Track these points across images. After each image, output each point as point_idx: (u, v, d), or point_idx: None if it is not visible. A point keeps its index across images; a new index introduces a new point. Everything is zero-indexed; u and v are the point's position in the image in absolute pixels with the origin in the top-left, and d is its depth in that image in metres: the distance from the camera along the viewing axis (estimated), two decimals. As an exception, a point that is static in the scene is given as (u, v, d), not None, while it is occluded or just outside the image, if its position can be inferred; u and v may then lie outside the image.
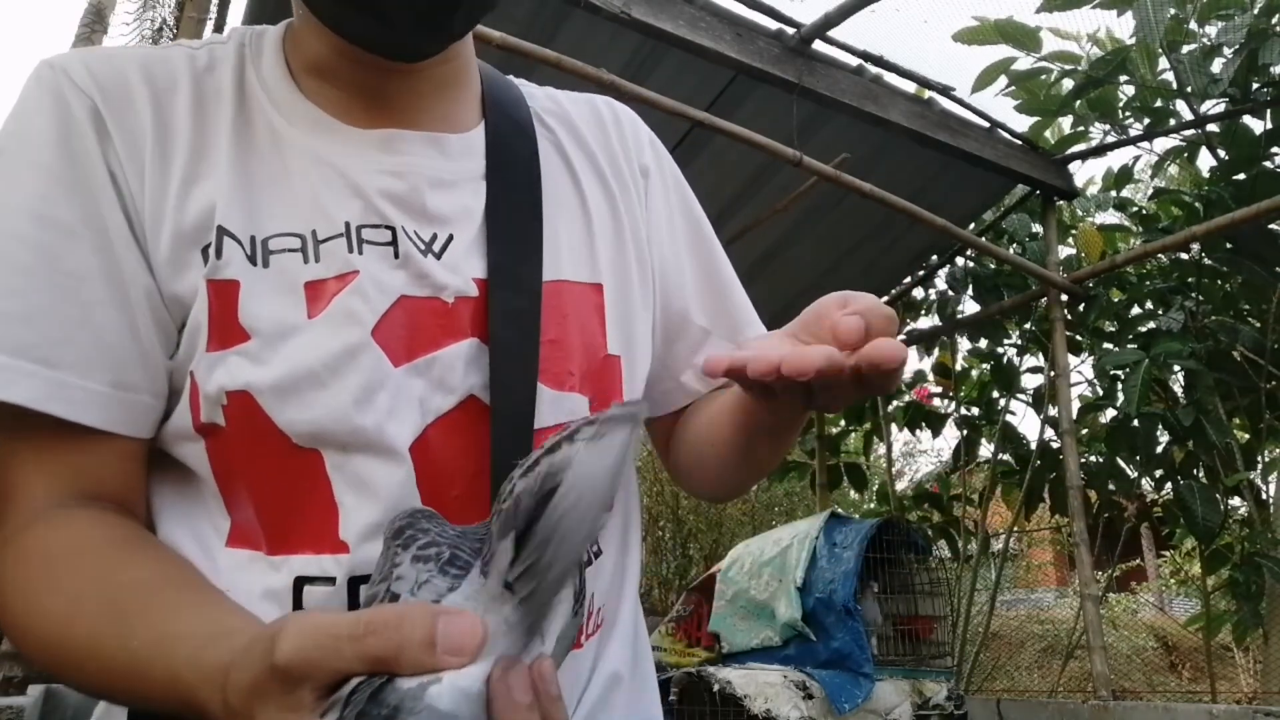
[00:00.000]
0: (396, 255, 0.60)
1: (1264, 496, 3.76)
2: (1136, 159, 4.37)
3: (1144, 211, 4.26)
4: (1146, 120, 3.70)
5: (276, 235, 0.59)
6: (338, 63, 0.64)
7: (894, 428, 4.96)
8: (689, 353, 0.77)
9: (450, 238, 0.63)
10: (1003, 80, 3.68)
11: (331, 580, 0.56)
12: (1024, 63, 3.65)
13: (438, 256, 0.61)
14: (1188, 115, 3.60)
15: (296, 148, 0.62)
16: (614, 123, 0.79)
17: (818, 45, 2.96)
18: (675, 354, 0.77)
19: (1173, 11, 3.33)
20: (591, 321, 0.67)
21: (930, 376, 4.79)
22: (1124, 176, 4.27)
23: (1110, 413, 3.99)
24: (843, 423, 5.10)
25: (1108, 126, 3.73)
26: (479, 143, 0.68)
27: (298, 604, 0.56)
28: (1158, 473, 3.86)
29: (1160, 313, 3.82)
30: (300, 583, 0.56)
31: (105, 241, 0.56)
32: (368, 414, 0.56)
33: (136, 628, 0.48)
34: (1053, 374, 3.61)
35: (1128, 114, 3.68)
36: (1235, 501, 3.83)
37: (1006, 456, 4.43)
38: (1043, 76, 3.72)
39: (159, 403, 0.58)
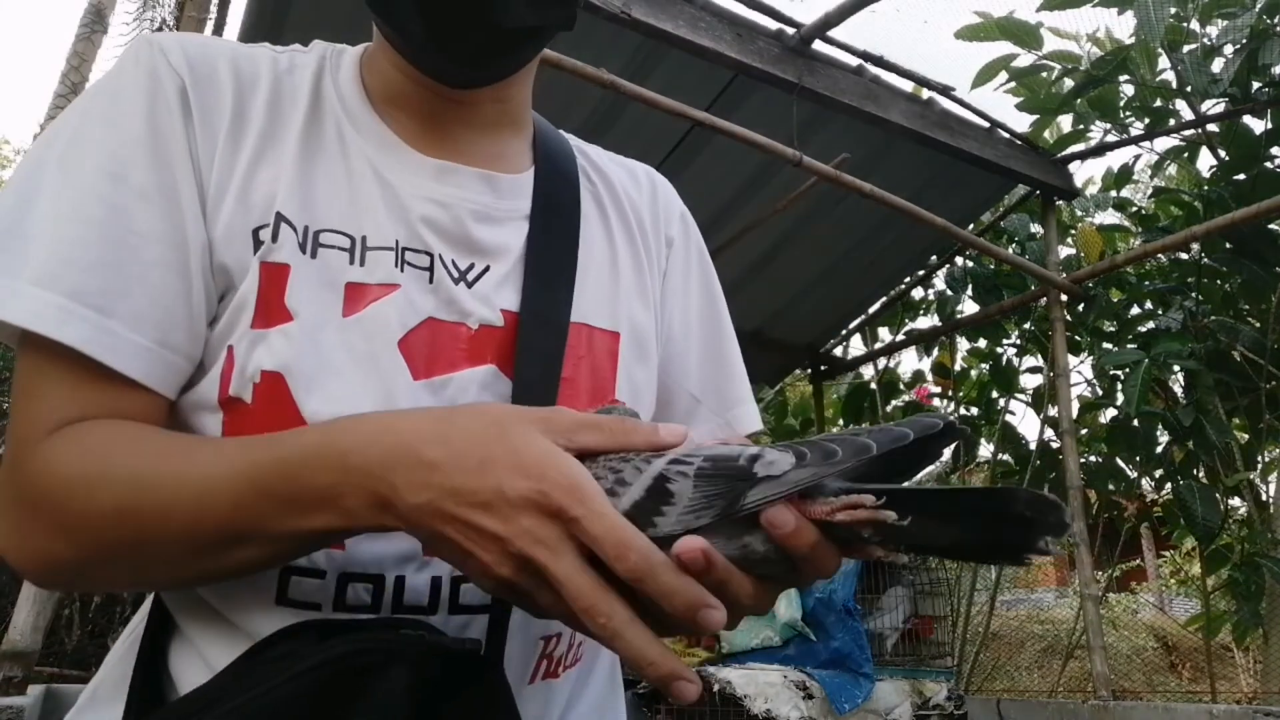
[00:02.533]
0: (431, 280, 0.64)
1: (1264, 496, 3.76)
2: (1136, 158, 4.36)
3: (1144, 211, 4.27)
4: (1146, 120, 3.70)
5: (328, 230, 0.62)
6: (407, 88, 0.68)
7: (894, 428, 4.96)
8: (680, 419, 0.80)
9: (487, 269, 0.66)
10: (1002, 76, 3.68)
11: (321, 574, 0.57)
12: (1024, 59, 3.65)
13: (469, 285, 0.65)
14: (1188, 115, 3.61)
15: (361, 158, 0.66)
16: (650, 190, 0.83)
17: (818, 45, 2.95)
18: (666, 418, 0.79)
19: (1173, 11, 3.33)
20: (604, 366, 0.70)
21: (930, 376, 4.79)
22: (1123, 176, 4.27)
23: (1110, 413, 4.00)
24: (841, 423, 5.10)
25: (1108, 126, 3.73)
26: (528, 185, 0.72)
27: (283, 593, 0.57)
28: (1158, 473, 3.86)
29: (1160, 313, 3.83)
30: (287, 572, 0.57)
31: (176, 210, 0.59)
32: None
33: (251, 447, 0.52)
34: (1052, 374, 3.61)
35: (1128, 113, 3.68)
36: (1235, 501, 3.83)
37: (1006, 456, 4.42)
38: (1043, 74, 3.72)
39: (190, 368, 0.60)
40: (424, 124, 0.69)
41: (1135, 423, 3.57)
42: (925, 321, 4.78)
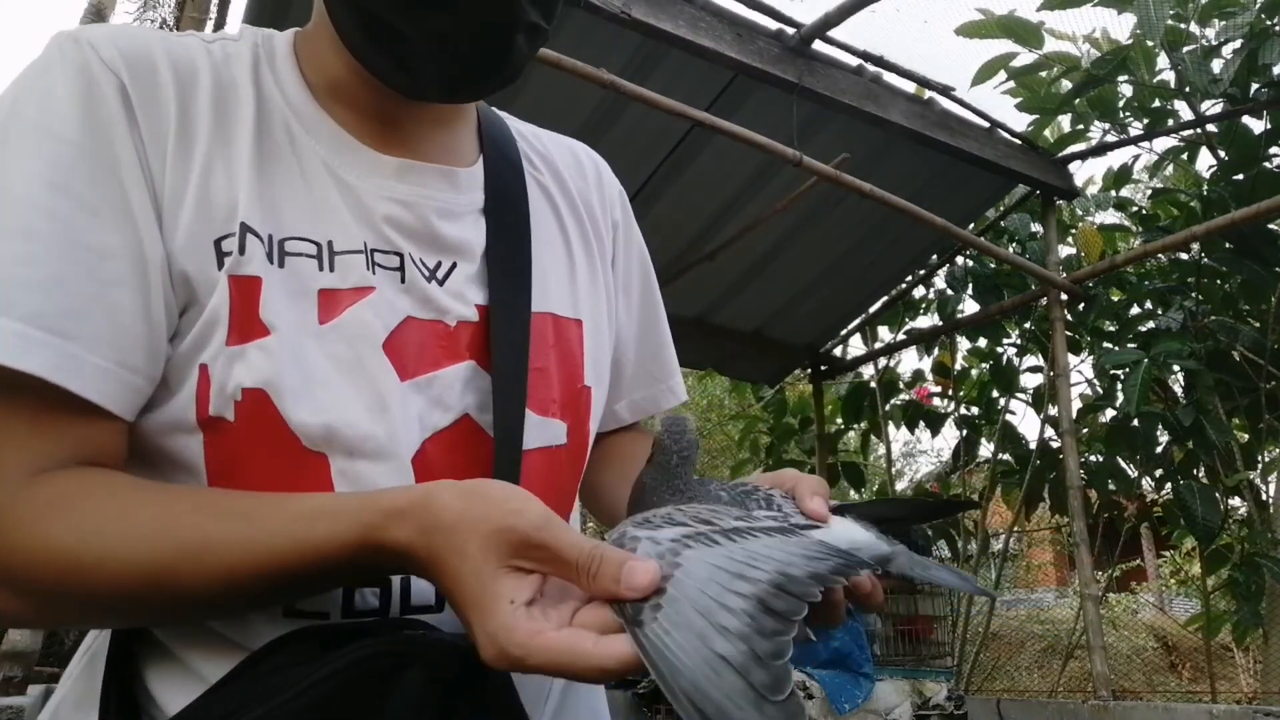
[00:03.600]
0: (403, 280, 0.63)
1: (1264, 496, 3.76)
2: (1136, 158, 4.37)
3: (1144, 211, 4.26)
4: (1146, 120, 3.70)
5: (293, 238, 0.60)
6: (356, 85, 0.66)
7: (892, 427, 4.96)
8: (627, 387, 0.87)
9: (454, 266, 0.66)
10: (1001, 75, 3.68)
11: None
12: (1024, 59, 3.65)
13: (441, 283, 0.64)
14: (1187, 115, 3.61)
15: (314, 158, 0.63)
16: (594, 173, 0.84)
17: (818, 45, 2.95)
18: (613, 388, 0.84)
19: (1172, 11, 3.33)
20: (574, 354, 0.71)
21: (930, 376, 4.78)
22: (1123, 176, 4.27)
23: (1110, 413, 3.99)
24: (840, 421, 5.10)
25: (1107, 126, 3.73)
26: (480, 177, 0.71)
27: (289, 605, 0.56)
28: (1158, 473, 3.86)
29: (1160, 313, 3.83)
30: None
31: (129, 222, 0.55)
32: (379, 422, 0.58)
33: (263, 513, 0.51)
34: (1053, 374, 3.61)
35: (1127, 113, 3.68)
36: (1235, 501, 3.83)
37: (1006, 456, 4.42)
38: (1042, 73, 3.72)
39: (150, 388, 0.56)
40: (375, 120, 0.66)
41: (1135, 423, 3.57)
42: (925, 321, 4.78)
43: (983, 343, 4.50)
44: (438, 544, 0.47)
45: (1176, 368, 3.60)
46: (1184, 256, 3.79)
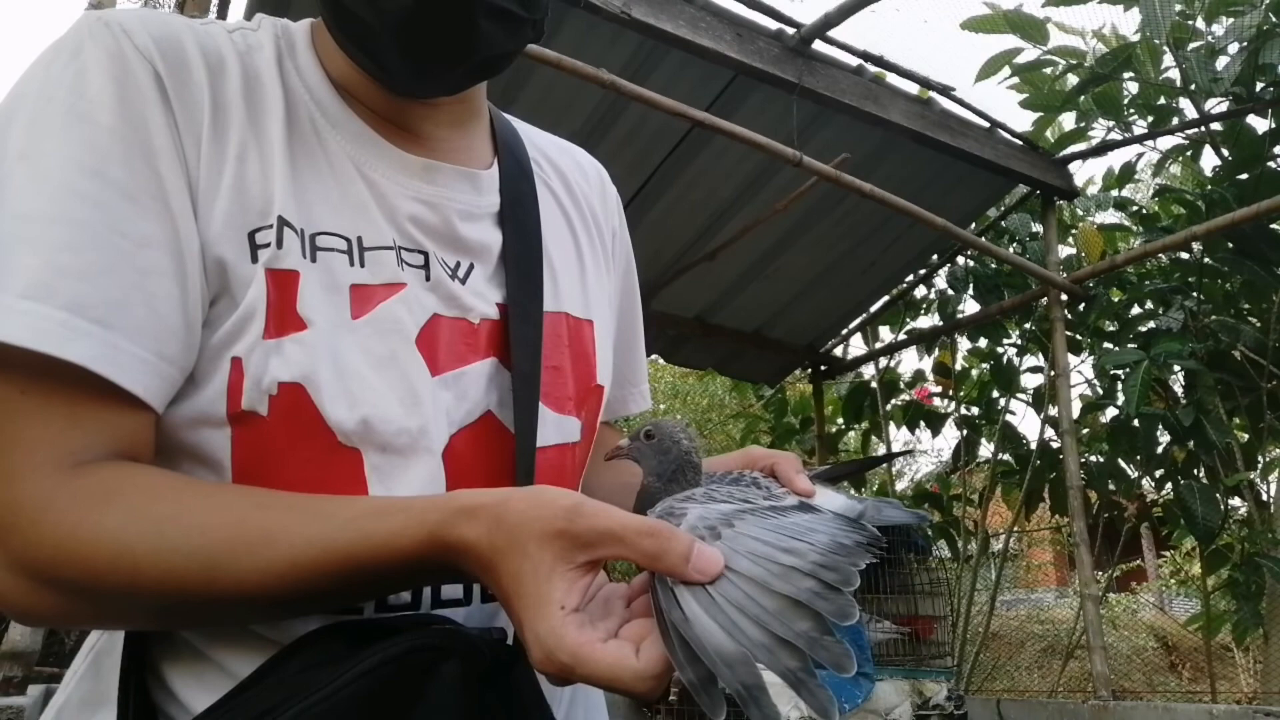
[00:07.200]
0: (428, 278, 0.64)
1: (1264, 496, 3.76)
2: (1139, 156, 4.35)
3: (1144, 211, 4.26)
4: (1150, 118, 3.69)
5: (323, 233, 0.60)
6: (365, 87, 0.66)
7: (893, 427, 4.96)
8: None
9: (472, 266, 0.67)
10: (1005, 70, 3.68)
11: None
12: (1028, 55, 3.65)
13: (463, 282, 0.66)
14: (1191, 114, 3.60)
15: (341, 154, 0.64)
16: (598, 180, 0.86)
17: (818, 45, 2.95)
18: None
19: (1178, 8, 3.33)
20: (588, 353, 0.73)
21: (930, 376, 4.78)
22: (1126, 174, 4.26)
23: (1110, 413, 3.99)
24: (840, 422, 5.10)
25: (1110, 124, 3.72)
26: (496, 180, 0.72)
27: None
28: (1158, 473, 3.85)
29: (1160, 313, 3.82)
30: None
31: (166, 211, 0.55)
32: (412, 416, 0.59)
33: (330, 509, 0.51)
34: (1053, 374, 3.61)
35: (1131, 111, 3.68)
36: (1235, 501, 3.83)
37: (1006, 456, 4.42)
38: (1047, 70, 3.72)
39: (183, 379, 0.56)
40: (391, 119, 0.67)
41: (1135, 423, 3.57)
42: (926, 321, 4.78)
43: (983, 343, 4.49)
44: (500, 542, 0.48)
45: (1177, 368, 3.59)
46: (1185, 256, 3.79)
